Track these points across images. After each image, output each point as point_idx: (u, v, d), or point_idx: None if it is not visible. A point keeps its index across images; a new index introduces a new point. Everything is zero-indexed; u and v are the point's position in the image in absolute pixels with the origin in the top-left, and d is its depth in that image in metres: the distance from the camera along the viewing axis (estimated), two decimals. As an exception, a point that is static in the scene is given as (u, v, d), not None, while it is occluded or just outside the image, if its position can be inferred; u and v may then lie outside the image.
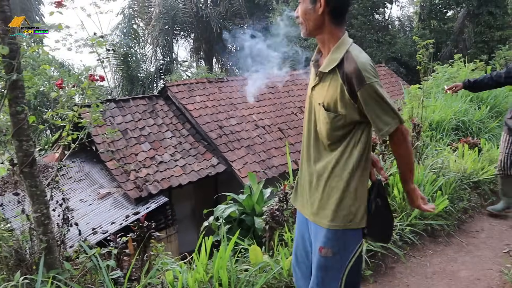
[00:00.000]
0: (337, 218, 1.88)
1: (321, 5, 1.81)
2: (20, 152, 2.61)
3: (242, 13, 24.05)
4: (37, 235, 2.75)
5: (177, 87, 10.33)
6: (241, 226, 3.93)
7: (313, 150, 1.98)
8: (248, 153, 9.27)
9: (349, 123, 1.84)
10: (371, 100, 1.77)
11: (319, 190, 1.95)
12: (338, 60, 1.82)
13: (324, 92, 1.88)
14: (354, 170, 1.87)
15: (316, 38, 1.94)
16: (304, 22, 1.90)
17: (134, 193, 7.92)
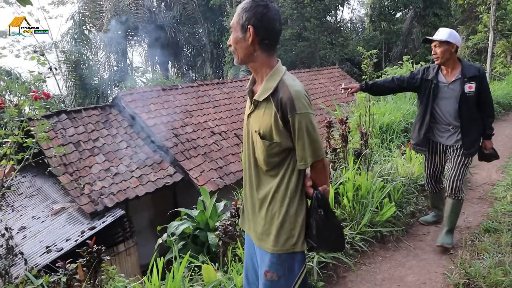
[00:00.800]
0: (280, 242, 1.94)
1: (250, 34, 1.84)
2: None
3: (196, 17, 23.94)
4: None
5: (131, 96, 10.16)
6: (195, 242, 3.92)
7: (254, 176, 2.02)
8: (205, 160, 9.24)
9: (284, 150, 1.89)
10: (301, 130, 1.82)
11: (262, 216, 2.00)
12: (272, 89, 1.86)
13: (260, 120, 1.91)
14: (293, 195, 1.93)
15: (249, 66, 1.97)
16: (235, 50, 1.92)
17: (89, 208, 7.72)
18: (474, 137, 3.66)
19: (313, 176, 1.99)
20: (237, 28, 1.89)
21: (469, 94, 3.55)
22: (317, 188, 1.98)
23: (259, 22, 1.83)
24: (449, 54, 3.56)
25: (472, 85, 3.55)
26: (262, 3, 1.85)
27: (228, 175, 9.15)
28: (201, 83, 12.00)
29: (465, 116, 3.59)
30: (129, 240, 8.44)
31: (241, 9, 1.88)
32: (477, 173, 6.02)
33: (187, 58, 26.63)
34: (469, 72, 3.57)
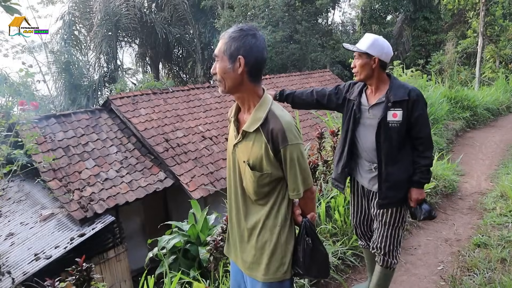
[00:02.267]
0: (271, 271, 1.94)
1: (240, 65, 1.81)
2: None
3: (187, 18, 23.84)
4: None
5: (121, 99, 10.10)
6: (186, 256, 3.90)
7: (241, 205, 2.00)
8: (195, 165, 9.21)
9: (275, 180, 1.89)
10: (292, 160, 1.83)
11: (252, 245, 1.99)
12: (262, 120, 1.84)
13: (249, 150, 1.89)
14: (283, 224, 1.94)
15: (235, 95, 1.94)
16: (222, 80, 1.88)
17: (79, 214, 7.66)
18: (397, 185, 2.76)
19: (301, 204, 1.99)
20: (224, 58, 1.85)
21: (392, 125, 2.69)
22: (306, 215, 1.99)
23: (249, 52, 1.81)
24: (369, 69, 2.72)
25: (397, 112, 2.69)
26: (251, 32, 1.84)
27: (219, 180, 9.14)
28: (192, 86, 11.95)
29: (385, 153, 2.73)
30: (119, 246, 8.39)
31: (229, 38, 1.84)
32: (466, 182, 6.07)
33: (178, 59, 26.52)
34: (395, 95, 2.69)
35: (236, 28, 1.87)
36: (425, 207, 2.80)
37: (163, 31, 22.62)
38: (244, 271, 2.06)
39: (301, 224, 1.97)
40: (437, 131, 7.70)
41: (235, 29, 1.86)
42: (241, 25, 1.88)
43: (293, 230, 2.00)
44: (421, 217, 2.82)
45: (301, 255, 1.95)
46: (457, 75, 13.43)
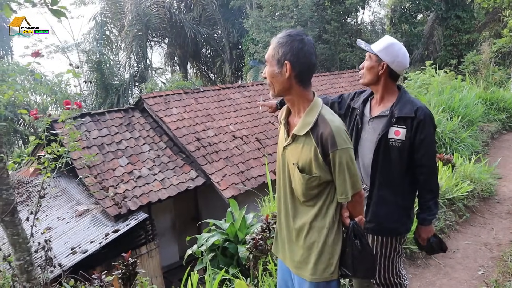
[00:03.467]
0: (318, 271, 1.99)
1: (287, 69, 1.86)
2: (0, 201, 2.58)
3: (216, 18, 24.03)
4: (21, 282, 2.72)
5: (153, 99, 10.27)
6: (224, 254, 3.96)
7: (290, 205, 2.06)
8: (226, 165, 9.29)
9: (323, 183, 1.93)
10: (341, 165, 1.86)
11: (300, 245, 2.04)
12: (311, 124, 1.89)
13: (298, 153, 1.94)
14: (331, 225, 1.98)
15: (285, 99, 2.00)
16: (271, 84, 1.96)
17: (113, 210, 7.83)
18: (388, 212, 2.48)
19: (350, 207, 2.02)
20: (272, 63, 1.92)
21: (393, 143, 2.40)
22: (354, 218, 2.01)
23: (295, 57, 1.86)
24: (375, 74, 2.46)
25: (400, 130, 2.39)
26: (298, 37, 1.87)
27: (250, 180, 9.18)
28: (223, 86, 12.04)
29: (381, 174, 2.46)
30: (151, 242, 8.54)
31: (277, 43, 1.90)
32: (504, 186, 5.95)
33: (206, 59, 26.77)
34: (401, 110, 2.40)
35: (284, 33, 1.92)
36: (434, 241, 2.55)
37: (192, 31, 22.88)
38: (292, 270, 2.11)
39: (349, 227, 1.99)
40: (472, 134, 7.56)
41: (283, 34, 1.92)
42: (289, 30, 1.94)
43: (341, 232, 2.03)
44: (432, 252, 2.65)
45: (350, 256, 1.98)
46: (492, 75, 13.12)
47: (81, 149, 3.87)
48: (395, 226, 2.51)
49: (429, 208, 2.46)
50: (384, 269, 2.62)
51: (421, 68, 11.62)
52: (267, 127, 11.02)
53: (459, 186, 4.92)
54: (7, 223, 2.58)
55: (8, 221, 2.58)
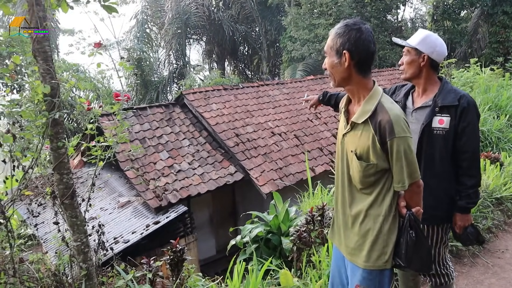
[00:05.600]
0: (372, 258, 2.00)
1: (346, 59, 1.90)
2: (60, 185, 2.70)
3: (254, 16, 24.13)
4: (77, 262, 2.84)
5: (194, 94, 10.43)
6: (267, 245, 4.00)
7: (347, 192, 2.08)
8: (265, 161, 9.34)
9: (380, 171, 1.94)
10: (399, 153, 1.86)
11: (355, 232, 2.06)
12: (370, 112, 1.91)
13: (356, 141, 1.97)
14: (387, 214, 1.98)
15: (345, 88, 2.04)
16: (331, 74, 2.00)
17: (154, 202, 8.02)
18: (435, 200, 2.48)
19: (407, 196, 2.00)
20: (331, 53, 1.96)
21: (437, 132, 2.45)
22: (411, 209, 1.99)
23: (354, 47, 1.89)
24: (417, 67, 2.53)
25: (444, 119, 2.43)
26: (355, 26, 1.91)
27: (288, 176, 9.19)
28: (262, 83, 12.10)
29: (426, 163, 2.50)
30: (189, 235, 8.70)
31: (335, 34, 1.95)
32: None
33: (244, 57, 26.92)
34: (444, 99, 2.45)
35: (342, 24, 1.96)
36: (471, 231, 2.52)
37: (230, 28, 23.07)
38: (346, 256, 2.13)
39: (405, 217, 1.98)
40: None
41: (340, 25, 1.96)
42: (346, 20, 1.97)
43: (397, 221, 2.01)
44: (468, 243, 2.62)
45: (404, 247, 1.96)
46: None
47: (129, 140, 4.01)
48: (440, 214, 2.54)
49: (468, 196, 2.46)
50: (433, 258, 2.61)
51: (466, 66, 11.29)
52: (306, 124, 10.99)
53: (508, 185, 4.77)
54: (67, 206, 2.71)
55: (68, 203, 2.70)
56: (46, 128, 2.56)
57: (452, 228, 2.59)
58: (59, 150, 2.64)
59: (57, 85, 2.58)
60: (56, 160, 2.65)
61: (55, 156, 2.65)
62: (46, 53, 2.55)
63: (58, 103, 2.57)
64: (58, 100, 2.57)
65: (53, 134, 2.61)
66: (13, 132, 2.63)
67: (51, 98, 2.54)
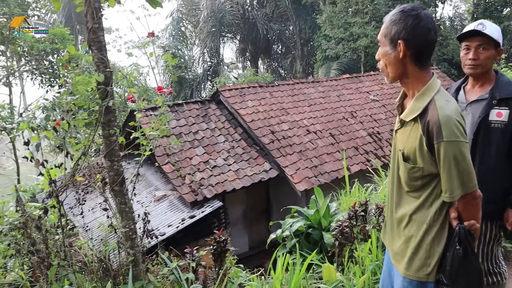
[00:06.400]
0: (413, 268, 1.84)
1: (401, 49, 1.73)
2: (111, 172, 2.77)
3: (288, 14, 24.08)
4: (125, 248, 2.90)
5: (229, 91, 10.49)
6: (307, 240, 3.99)
7: (395, 193, 1.95)
8: (300, 158, 9.30)
9: (427, 175, 1.76)
10: (446, 159, 1.66)
11: (398, 236, 1.93)
12: (420, 110, 1.74)
13: (405, 139, 1.81)
14: (432, 223, 1.80)
15: (401, 82, 1.87)
16: (385, 66, 1.83)
17: (190, 197, 8.12)
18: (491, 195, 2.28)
19: (460, 207, 1.77)
20: (385, 43, 1.80)
21: (494, 125, 2.35)
22: (463, 221, 1.76)
23: (410, 35, 1.72)
24: (491, 62, 2.43)
25: (503, 112, 2.33)
26: (413, 13, 1.73)
27: (323, 174, 9.13)
28: (297, 81, 12.07)
29: (481, 157, 2.41)
30: (224, 231, 8.74)
31: (389, 21, 1.79)
32: None
33: (277, 55, 26.90)
34: (502, 91, 2.36)
35: (397, 10, 1.80)
36: None
37: (264, 27, 23.11)
38: (391, 260, 2.01)
39: (455, 230, 1.77)
40: None
41: (396, 11, 1.80)
42: (403, 6, 1.80)
43: (445, 232, 1.81)
44: None
45: (449, 263, 1.75)
46: None
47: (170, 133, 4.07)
48: (494, 210, 2.42)
49: None
50: (483, 258, 2.51)
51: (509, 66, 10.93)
52: (341, 123, 10.88)
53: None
54: (117, 192, 2.77)
55: (117, 190, 2.76)
56: (99, 116, 2.63)
57: (503, 225, 2.47)
58: (110, 138, 2.71)
59: (110, 74, 2.64)
60: (107, 147, 2.71)
61: (106, 143, 2.72)
62: (100, 43, 2.61)
63: (111, 92, 2.63)
64: (111, 88, 2.63)
65: (105, 122, 2.67)
66: (68, 120, 2.71)
67: (104, 87, 2.61)
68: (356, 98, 12.03)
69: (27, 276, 3.11)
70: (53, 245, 3.00)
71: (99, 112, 2.62)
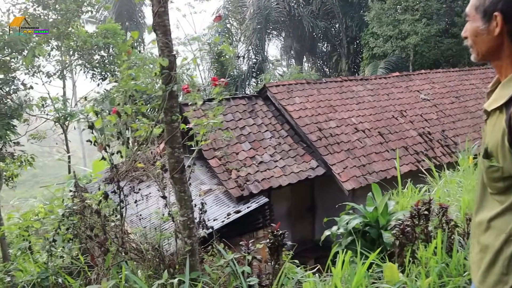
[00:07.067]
0: (487, 283, 1.55)
1: (497, 24, 1.44)
2: (172, 159, 2.73)
3: (334, 11, 23.70)
4: (182, 237, 2.86)
5: (277, 87, 10.40)
6: (364, 238, 3.83)
7: (479, 193, 1.65)
8: (348, 157, 9.09)
9: (509, 177, 1.45)
10: None
11: (475, 243, 1.66)
12: (506, 98, 1.42)
13: (489, 132, 1.51)
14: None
15: (491, 64, 1.59)
16: (474, 44, 1.56)
17: (236, 192, 8.09)
18: None
19: None
20: (476, 17, 1.51)
21: None
22: None
23: (510, 7, 1.42)
24: None
25: None
26: None
27: (371, 174, 8.89)
28: (345, 78, 11.84)
29: None
30: (268, 227, 8.68)
31: None
32: None
33: (322, 54, 26.57)
34: None
35: None
36: None
37: (310, 24, 22.84)
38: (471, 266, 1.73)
39: None
40: None
41: None
42: None
43: None
44: None
45: None
46: None
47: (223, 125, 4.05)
48: None
49: None
50: None
51: None
52: (390, 121, 10.57)
53: None
54: (176, 180, 2.73)
55: (177, 178, 2.73)
56: (162, 102, 2.59)
57: None
58: (172, 124, 2.67)
59: (174, 59, 2.60)
60: (169, 134, 2.68)
61: (168, 130, 2.68)
62: (165, 27, 2.57)
63: (175, 77, 2.59)
64: (175, 73, 2.59)
65: (168, 108, 2.64)
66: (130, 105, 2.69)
67: (168, 71, 2.57)
68: (406, 97, 11.66)
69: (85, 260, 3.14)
70: (111, 231, 3.00)
71: (162, 97, 2.58)
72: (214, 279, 2.96)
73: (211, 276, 2.94)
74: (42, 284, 2.86)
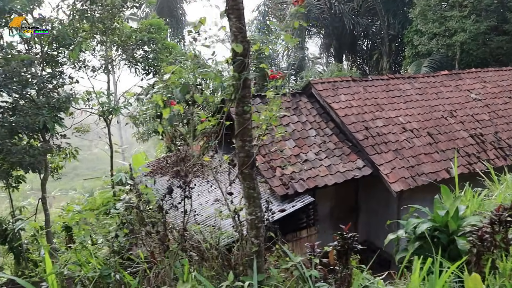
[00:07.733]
0: None
1: None
2: (241, 153, 2.57)
3: (376, 8, 23.13)
4: (249, 237, 2.70)
5: (322, 84, 10.14)
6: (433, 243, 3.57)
7: None
8: (396, 157, 8.75)
9: None
10: None
11: None
12: None
13: None
14: None
15: None
16: None
17: (281, 190, 7.91)
18: None
19: None
20: None
21: None
22: None
23: None
24: None
25: None
26: None
27: (420, 176, 8.51)
28: (392, 76, 11.43)
29: None
30: (311, 227, 8.46)
31: None
32: None
33: (363, 52, 26.01)
34: None
35: None
36: None
37: (351, 22, 22.42)
38: None
39: None
40: None
41: None
42: None
43: None
44: None
45: None
46: None
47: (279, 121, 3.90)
48: None
49: None
50: None
51: None
52: (440, 122, 10.12)
53: None
54: (246, 176, 2.57)
55: (246, 173, 2.57)
56: (235, 91, 2.43)
57: None
58: (244, 115, 2.51)
59: (248, 45, 2.43)
60: (240, 126, 2.52)
61: (239, 122, 2.53)
62: (239, 11, 2.41)
63: (248, 64, 2.43)
64: (249, 60, 2.42)
65: (240, 98, 2.48)
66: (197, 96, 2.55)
67: (242, 58, 2.40)
68: (455, 97, 11.16)
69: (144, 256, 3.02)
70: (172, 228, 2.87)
71: (235, 86, 2.42)
72: (280, 282, 2.78)
73: (277, 279, 2.77)
74: (104, 280, 2.75)
